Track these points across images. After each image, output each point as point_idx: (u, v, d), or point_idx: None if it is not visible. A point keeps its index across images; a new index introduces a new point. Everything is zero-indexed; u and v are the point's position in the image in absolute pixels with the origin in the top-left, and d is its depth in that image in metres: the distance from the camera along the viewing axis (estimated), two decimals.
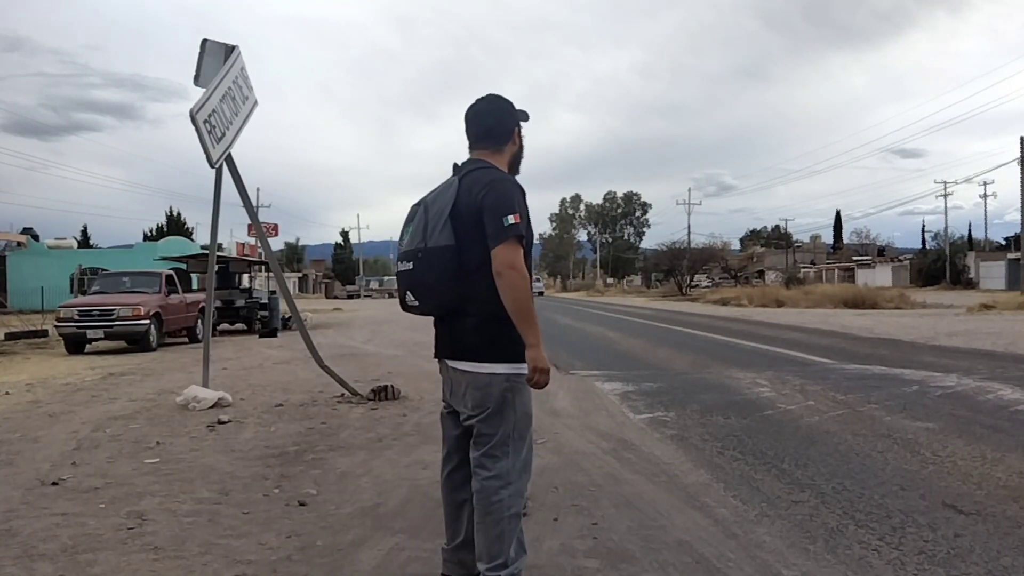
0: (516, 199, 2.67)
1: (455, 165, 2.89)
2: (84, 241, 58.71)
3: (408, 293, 2.78)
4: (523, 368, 2.67)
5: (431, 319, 3.05)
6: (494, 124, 2.89)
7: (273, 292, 20.96)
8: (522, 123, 2.98)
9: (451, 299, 2.69)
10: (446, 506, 2.91)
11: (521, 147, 2.98)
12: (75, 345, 14.49)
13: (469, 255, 2.65)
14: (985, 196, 64.99)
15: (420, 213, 2.79)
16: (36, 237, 43.34)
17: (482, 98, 2.96)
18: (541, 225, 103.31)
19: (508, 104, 2.94)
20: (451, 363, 2.78)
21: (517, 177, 2.94)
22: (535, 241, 3.00)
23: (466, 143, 2.95)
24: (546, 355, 2.66)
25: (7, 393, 8.65)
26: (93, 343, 14.71)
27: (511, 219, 2.59)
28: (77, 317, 14.41)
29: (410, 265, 2.73)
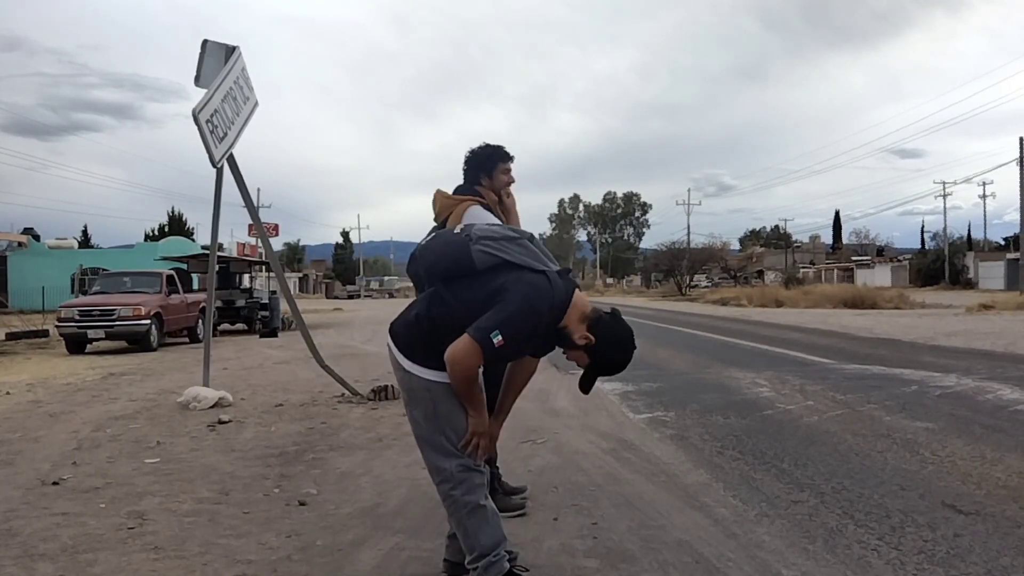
0: (522, 320, 2.63)
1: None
2: (85, 241, 58.73)
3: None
4: (443, 376, 2.70)
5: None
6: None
7: (274, 292, 20.96)
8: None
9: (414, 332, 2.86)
10: None
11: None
12: (76, 345, 14.49)
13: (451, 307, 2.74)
14: (984, 196, 65.05)
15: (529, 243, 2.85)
16: (37, 237, 43.35)
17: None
18: (541, 225, 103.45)
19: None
20: (395, 351, 2.90)
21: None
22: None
23: (466, 144, 3.00)
24: (488, 421, 2.77)
25: (8, 393, 8.66)
26: (94, 343, 14.72)
27: (499, 338, 2.56)
28: (78, 317, 14.42)
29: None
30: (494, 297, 2.65)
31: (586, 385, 2.88)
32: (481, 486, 2.80)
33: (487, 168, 3.89)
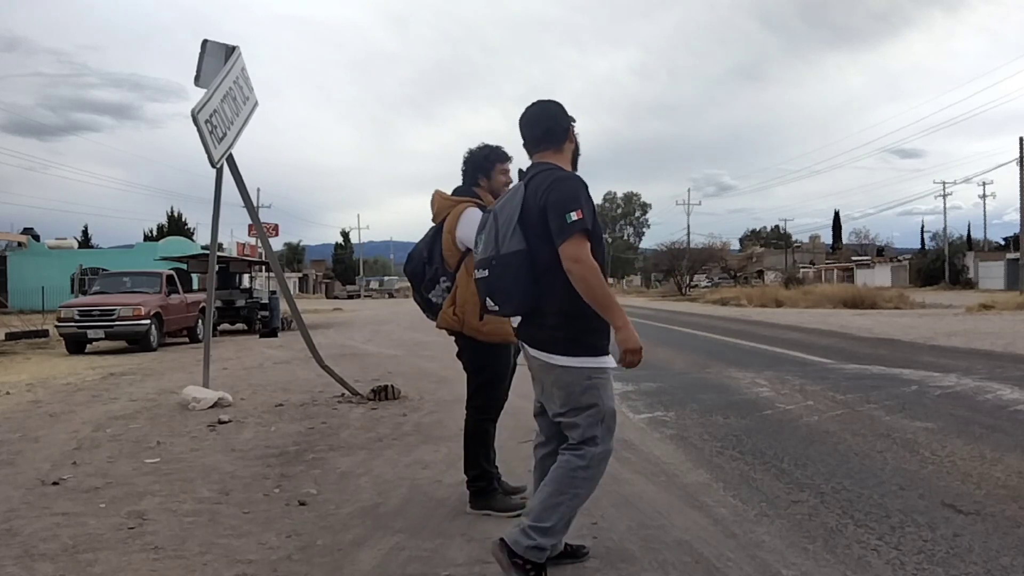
0: (579, 195, 2.75)
1: (520, 171, 2.99)
2: (85, 241, 58.74)
3: (488, 299, 2.89)
4: (605, 362, 2.80)
5: (429, 319, 3.10)
6: (552, 125, 2.98)
7: (273, 292, 20.96)
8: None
9: (528, 301, 2.79)
10: (537, 483, 3.06)
11: (578, 145, 3.08)
12: (76, 345, 14.49)
13: (540, 256, 2.75)
14: (984, 196, 65.12)
15: (491, 222, 2.88)
16: (37, 237, 43.36)
17: (533, 104, 3.04)
18: None
19: (560, 106, 3.03)
20: (533, 352, 2.88)
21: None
22: None
23: (465, 144, 3.02)
24: (636, 334, 2.75)
25: (8, 393, 8.66)
26: (94, 343, 14.72)
27: (574, 215, 2.68)
28: (78, 317, 14.41)
29: (485, 273, 2.86)
30: (545, 216, 2.72)
31: None
32: (597, 483, 2.90)
33: (485, 168, 3.90)
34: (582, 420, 2.80)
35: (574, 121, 3.06)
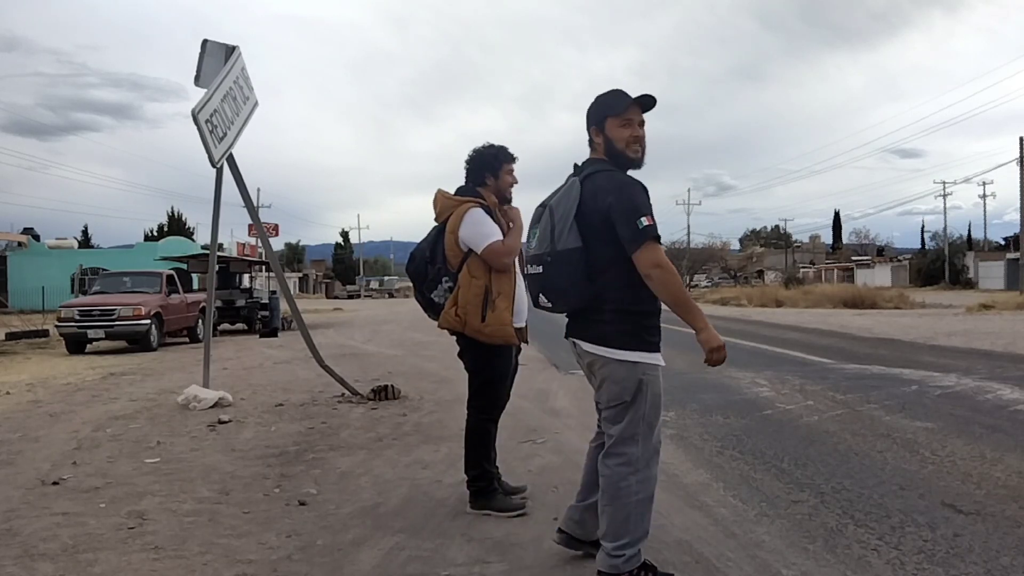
0: (643, 200, 2.77)
1: (575, 165, 2.97)
2: (85, 241, 58.74)
3: (541, 295, 2.90)
4: (656, 359, 2.85)
5: (431, 318, 3.09)
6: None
7: (273, 292, 20.96)
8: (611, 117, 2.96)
9: (583, 299, 2.80)
10: (589, 471, 3.14)
11: (608, 142, 2.97)
12: (76, 345, 14.49)
13: (597, 256, 2.76)
14: (984, 196, 65.01)
15: (546, 217, 2.86)
16: (37, 237, 43.35)
17: (606, 92, 3.00)
18: None
19: (619, 92, 2.97)
20: (588, 346, 2.88)
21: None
22: None
23: (465, 144, 3.02)
24: (717, 333, 2.81)
25: (8, 393, 8.66)
26: (94, 343, 14.72)
27: (645, 221, 2.70)
28: (78, 317, 14.41)
29: (540, 269, 2.85)
30: (609, 219, 2.73)
31: None
32: (656, 477, 2.93)
33: (493, 168, 3.89)
34: (626, 415, 2.84)
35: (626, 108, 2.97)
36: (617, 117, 2.90)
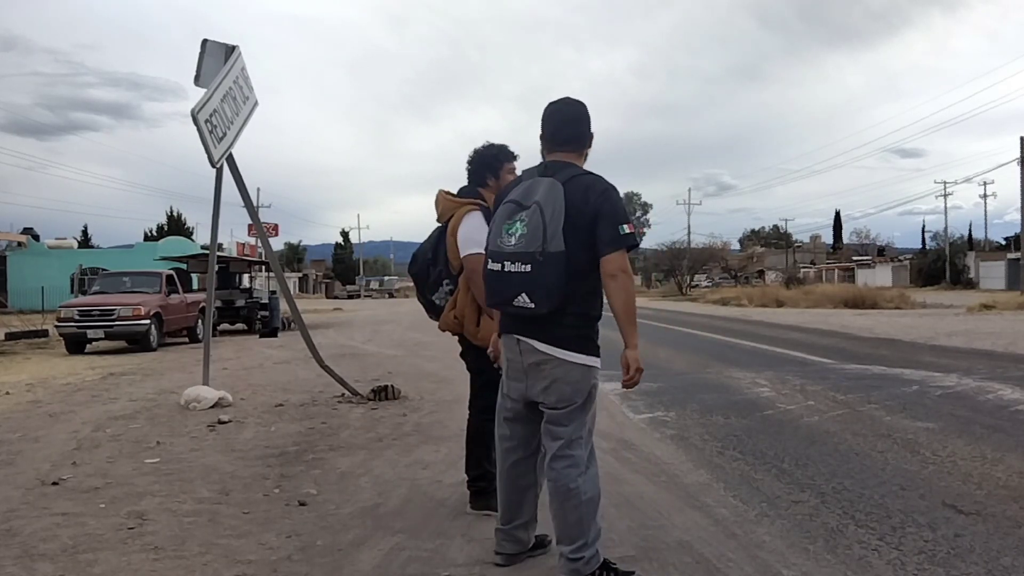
0: (624, 207, 2.89)
1: (544, 165, 2.99)
2: (84, 241, 58.69)
3: (523, 295, 2.80)
4: (599, 363, 2.92)
5: (433, 320, 3.08)
6: (586, 130, 3.04)
7: (273, 292, 20.96)
8: None
9: (561, 300, 2.81)
10: (508, 492, 3.11)
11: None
12: (75, 345, 14.48)
13: (575, 259, 2.78)
14: (985, 196, 64.98)
15: (535, 215, 2.79)
16: (36, 237, 43.32)
17: (568, 101, 3.05)
18: None
19: (587, 110, 3.06)
20: (545, 348, 2.86)
21: None
22: None
23: (464, 144, 3.03)
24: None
25: (7, 393, 8.65)
26: (93, 343, 14.71)
27: (627, 228, 2.80)
28: (77, 317, 14.40)
29: (527, 268, 2.78)
30: (594, 221, 2.78)
31: None
32: (598, 475, 2.95)
33: (494, 168, 3.88)
34: (576, 418, 2.89)
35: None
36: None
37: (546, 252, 2.74)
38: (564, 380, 2.86)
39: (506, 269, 2.83)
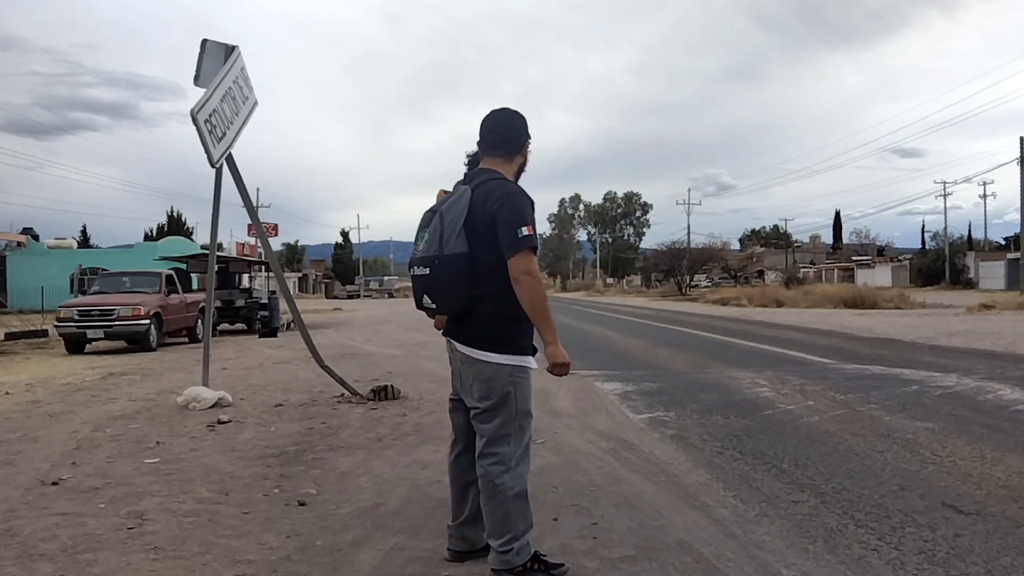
0: (528, 211, 2.92)
1: (466, 175, 3.12)
2: (84, 241, 58.69)
3: (425, 296, 3.01)
4: (527, 362, 2.96)
5: (431, 319, 3.12)
6: (512, 135, 3.13)
7: (273, 292, 20.95)
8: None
9: (465, 301, 2.92)
10: (453, 487, 3.22)
11: (526, 160, 3.20)
12: (75, 345, 14.48)
13: (482, 260, 2.88)
14: (985, 196, 65.01)
15: (436, 221, 2.98)
16: (36, 237, 43.31)
17: (502, 109, 3.18)
18: (540, 225, 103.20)
19: (524, 120, 3.17)
20: (460, 347, 3.02)
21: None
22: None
23: (463, 144, 3.08)
24: (564, 350, 2.93)
25: (7, 393, 8.65)
26: (93, 343, 14.71)
27: (525, 231, 2.85)
28: (77, 317, 14.40)
29: (427, 271, 2.97)
30: (494, 224, 2.87)
31: None
32: (527, 474, 3.01)
33: None
34: (497, 416, 2.95)
35: (530, 139, 3.20)
36: (529, 141, 3.17)
37: (442, 255, 2.91)
38: (479, 378, 2.97)
39: (415, 273, 3.04)
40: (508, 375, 2.93)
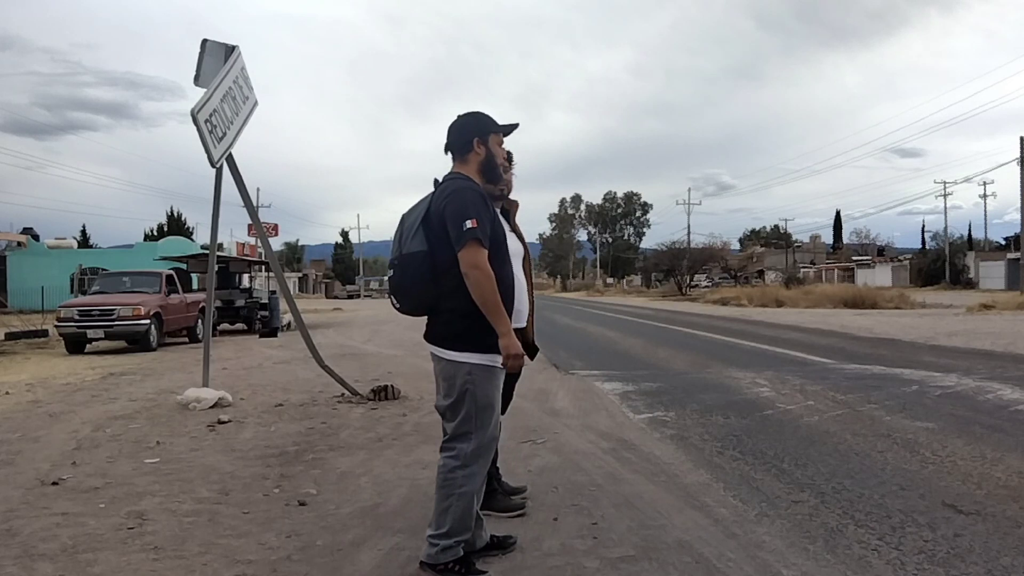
0: (473, 204, 2.92)
1: (435, 180, 3.17)
2: (84, 241, 58.68)
3: (391, 296, 3.11)
4: (489, 359, 2.96)
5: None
6: (455, 139, 3.17)
7: (273, 292, 20.94)
8: (500, 134, 3.23)
9: (427, 299, 3.00)
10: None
11: (489, 156, 3.18)
12: (75, 345, 14.48)
13: (441, 258, 2.93)
14: (985, 196, 65.09)
15: (399, 224, 3.09)
16: (36, 237, 43.29)
17: (459, 114, 3.23)
18: (540, 225, 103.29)
19: (476, 119, 3.20)
20: (428, 345, 3.09)
21: (487, 183, 3.19)
22: (534, 241, 3.11)
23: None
24: (517, 341, 2.94)
25: (7, 393, 8.65)
26: (93, 343, 14.71)
27: (469, 224, 2.86)
28: (77, 317, 14.40)
29: (391, 272, 3.07)
30: (444, 221, 2.91)
31: None
32: (483, 477, 3.05)
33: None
34: (458, 412, 2.98)
35: (500, 132, 3.21)
36: (497, 135, 3.19)
37: (401, 255, 2.99)
38: (442, 375, 3.04)
39: (388, 276, 3.14)
40: (467, 373, 2.95)
